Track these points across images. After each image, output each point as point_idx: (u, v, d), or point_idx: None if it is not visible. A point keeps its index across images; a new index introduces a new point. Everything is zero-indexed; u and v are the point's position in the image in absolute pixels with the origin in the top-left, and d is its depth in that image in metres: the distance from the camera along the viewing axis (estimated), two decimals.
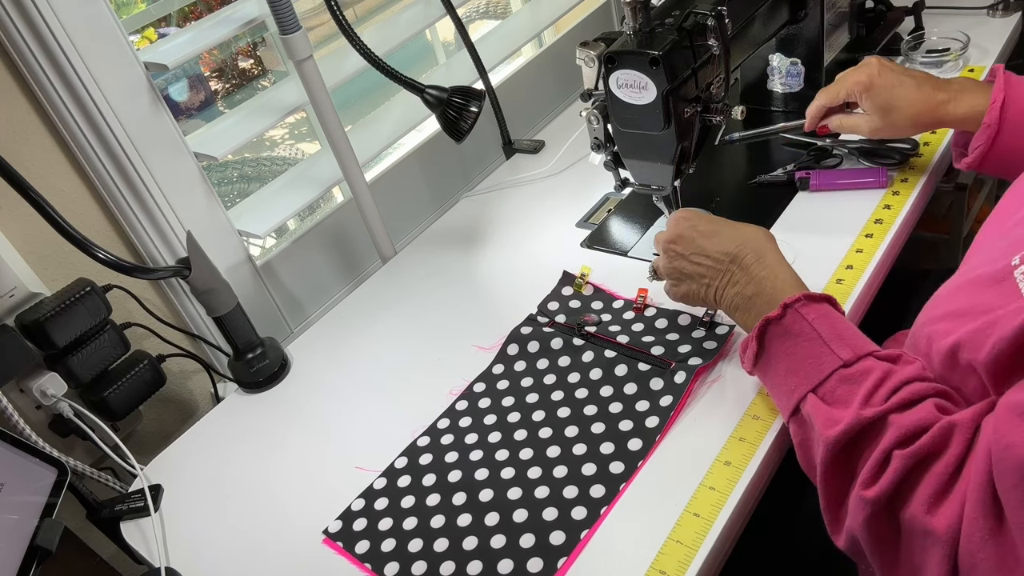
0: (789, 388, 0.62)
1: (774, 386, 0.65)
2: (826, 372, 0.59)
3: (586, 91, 0.87)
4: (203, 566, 0.73)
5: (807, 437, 0.61)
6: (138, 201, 0.88)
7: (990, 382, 0.52)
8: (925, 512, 0.50)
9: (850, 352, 0.59)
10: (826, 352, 0.60)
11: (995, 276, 0.54)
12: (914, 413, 0.54)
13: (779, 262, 0.70)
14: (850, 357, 0.59)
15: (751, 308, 0.69)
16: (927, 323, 0.60)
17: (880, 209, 0.88)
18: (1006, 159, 0.77)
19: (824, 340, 0.60)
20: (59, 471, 0.75)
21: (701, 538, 0.62)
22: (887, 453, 0.53)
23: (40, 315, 0.77)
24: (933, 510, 0.50)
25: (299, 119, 1.90)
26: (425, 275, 1.03)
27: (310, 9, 1.22)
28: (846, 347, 0.60)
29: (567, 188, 1.11)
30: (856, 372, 0.58)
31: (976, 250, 0.64)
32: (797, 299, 0.63)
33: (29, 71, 0.78)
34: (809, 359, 0.61)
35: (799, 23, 1.02)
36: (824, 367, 0.59)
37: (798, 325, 0.62)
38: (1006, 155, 0.77)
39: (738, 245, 0.71)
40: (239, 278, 0.99)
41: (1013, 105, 0.76)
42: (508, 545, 0.66)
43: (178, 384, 0.99)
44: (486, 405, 0.80)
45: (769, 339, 0.64)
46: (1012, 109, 0.76)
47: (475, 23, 1.87)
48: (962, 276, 0.60)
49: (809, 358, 0.61)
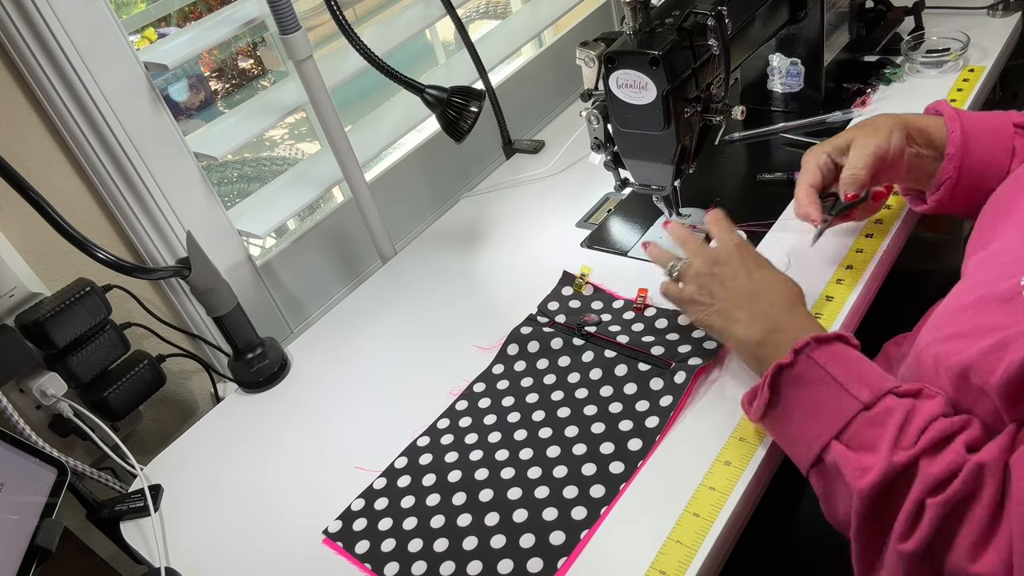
0: (809, 438, 0.59)
1: (790, 437, 0.62)
2: (848, 416, 0.57)
3: (586, 91, 0.87)
4: (203, 566, 0.73)
5: (832, 488, 0.58)
6: (138, 201, 0.88)
7: (1003, 405, 0.51)
8: (970, 560, 0.49)
9: (869, 393, 0.57)
10: (845, 396, 0.58)
11: (1003, 296, 0.54)
12: (944, 457, 0.52)
13: (806, 316, 0.68)
14: (870, 398, 0.57)
15: (758, 351, 0.67)
16: (933, 343, 0.59)
17: (880, 209, 0.88)
18: (971, 191, 0.75)
19: (840, 383, 0.58)
20: (59, 471, 0.75)
21: (701, 538, 0.61)
22: (919, 503, 0.51)
23: (40, 315, 0.77)
24: (977, 557, 0.49)
25: (299, 119, 1.90)
26: (425, 275, 1.03)
27: (310, 9, 1.22)
28: (864, 388, 0.57)
29: (567, 188, 1.11)
30: (879, 413, 0.56)
31: (980, 267, 0.63)
32: (806, 343, 0.61)
33: (29, 71, 0.78)
34: (828, 405, 0.58)
35: (799, 23, 1.02)
36: (845, 411, 0.57)
37: (812, 371, 0.60)
38: (971, 187, 0.75)
39: (771, 293, 0.69)
40: (239, 278, 0.99)
41: (971, 132, 0.75)
42: (508, 545, 0.66)
43: (178, 384, 0.99)
44: (486, 405, 0.80)
45: (782, 387, 0.62)
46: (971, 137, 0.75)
47: (475, 23, 1.87)
48: (968, 294, 0.59)
49: (828, 404, 0.58)
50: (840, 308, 0.78)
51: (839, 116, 1.04)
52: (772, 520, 0.73)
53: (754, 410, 0.64)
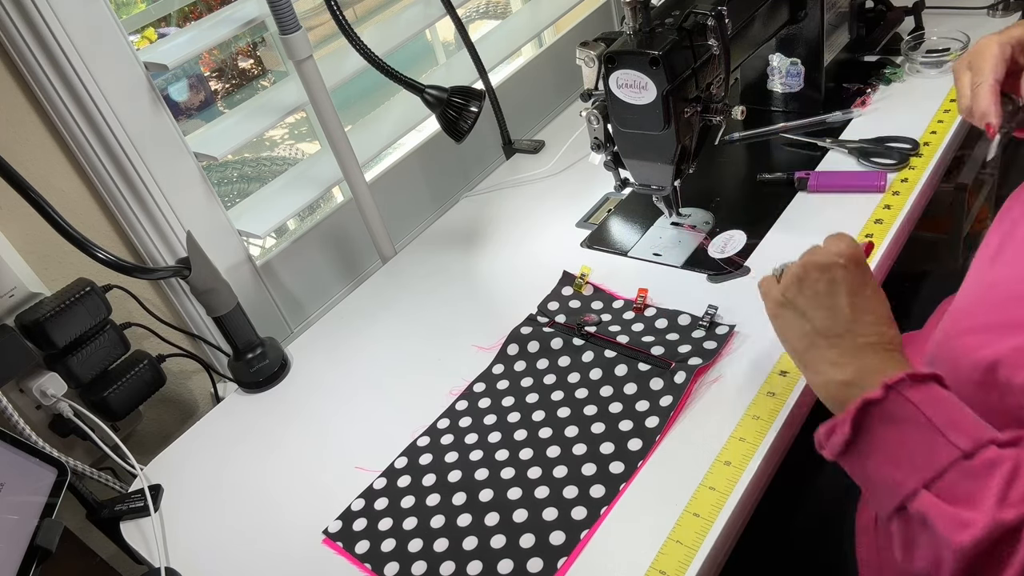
0: (893, 483, 0.53)
1: (871, 479, 0.56)
2: (943, 465, 0.51)
3: (586, 91, 0.87)
4: (203, 566, 0.73)
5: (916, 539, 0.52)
6: (138, 201, 0.88)
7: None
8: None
9: (969, 441, 0.50)
10: (940, 442, 0.51)
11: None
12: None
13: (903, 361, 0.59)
14: (970, 447, 0.50)
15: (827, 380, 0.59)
16: (953, 336, 0.57)
17: (880, 209, 0.88)
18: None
19: (937, 427, 0.52)
20: (59, 471, 0.75)
21: (701, 538, 0.61)
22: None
23: (40, 315, 0.77)
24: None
25: (299, 119, 1.90)
26: (425, 275, 1.03)
27: (310, 9, 1.22)
28: (963, 435, 0.51)
29: (567, 188, 1.11)
30: (980, 465, 0.49)
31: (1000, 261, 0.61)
32: (900, 379, 0.53)
33: (29, 71, 0.78)
34: (919, 450, 0.52)
35: (799, 23, 1.02)
36: (939, 459, 0.51)
37: (905, 410, 0.53)
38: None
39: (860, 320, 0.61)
40: (239, 278, 0.99)
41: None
42: (508, 545, 0.66)
43: (178, 384, 0.99)
44: (486, 405, 0.80)
45: (867, 425, 0.55)
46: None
47: (475, 23, 1.87)
48: (989, 289, 0.57)
49: (919, 449, 0.52)
50: None
51: (839, 116, 1.04)
52: (772, 520, 0.73)
53: (831, 447, 0.57)
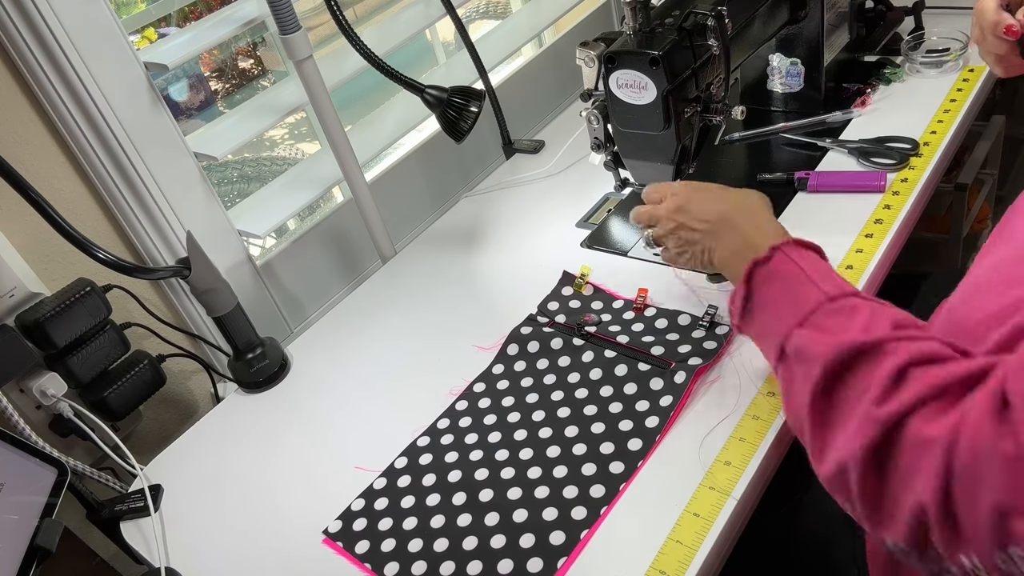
0: (777, 331, 0.58)
1: (762, 334, 0.62)
2: (812, 306, 0.56)
3: (586, 91, 0.87)
4: (203, 566, 0.73)
5: (794, 376, 0.55)
6: (138, 201, 0.88)
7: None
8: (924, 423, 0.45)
9: (836, 289, 0.56)
10: (813, 289, 0.57)
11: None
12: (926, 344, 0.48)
13: (770, 220, 0.70)
14: (836, 293, 0.56)
15: (741, 260, 0.66)
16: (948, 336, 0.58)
17: (880, 209, 0.88)
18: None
19: (812, 280, 0.58)
20: (59, 471, 0.75)
21: (701, 538, 0.61)
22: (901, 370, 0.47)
23: (40, 315, 0.77)
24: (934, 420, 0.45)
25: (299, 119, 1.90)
26: (425, 275, 1.03)
27: (310, 9, 1.22)
28: (833, 285, 0.57)
29: (567, 188, 1.11)
30: (845, 307, 0.55)
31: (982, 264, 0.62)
32: (785, 242, 0.62)
33: (29, 71, 0.78)
34: (795, 298, 0.58)
35: (799, 23, 1.02)
36: (809, 302, 0.56)
37: (786, 266, 0.60)
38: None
39: (730, 206, 0.72)
40: (239, 278, 0.99)
41: None
42: (508, 545, 0.66)
43: (178, 384, 0.99)
44: (486, 405, 0.80)
45: (757, 283, 0.62)
46: None
47: (475, 23, 1.87)
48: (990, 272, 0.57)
49: (795, 297, 0.58)
50: None
51: (839, 116, 1.04)
52: (772, 520, 0.73)
53: (733, 310, 0.64)
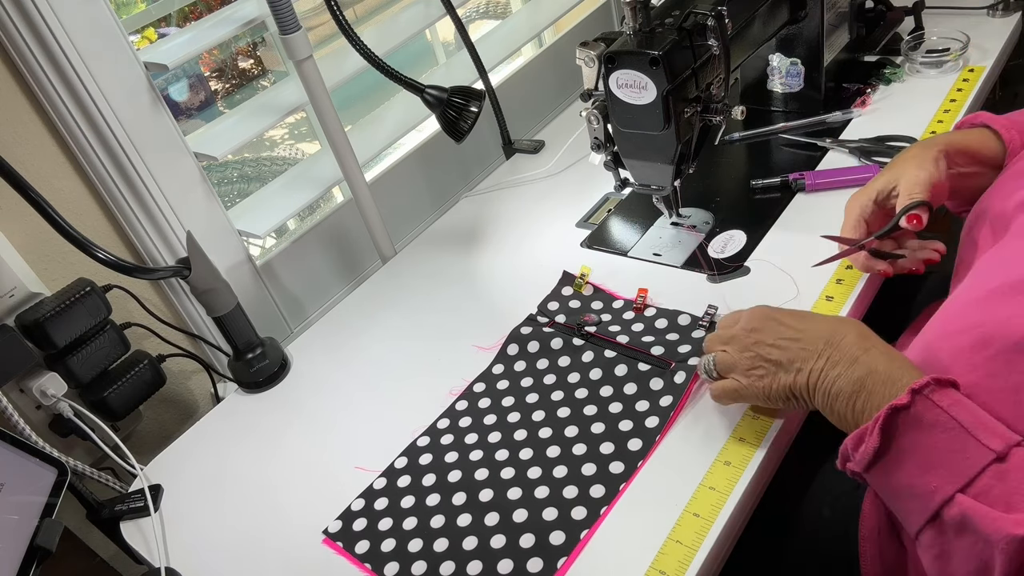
0: (925, 491, 0.51)
1: (901, 489, 0.54)
2: (977, 468, 0.49)
3: (586, 91, 0.87)
4: (203, 566, 0.73)
5: (952, 548, 0.51)
6: (138, 201, 0.88)
7: None
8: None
9: (1000, 442, 0.49)
10: (972, 444, 0.50)
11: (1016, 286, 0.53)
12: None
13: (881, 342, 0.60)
14: (1002, 449, 0.49)
15: (862, 390, 0.57)
16: (944, 337, 0.58)
17: None
18: None
19: (967, 430, 0.51)
20: (59, 471, 0.75)
21: (701, 538, 0.61)
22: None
23: (40, 315, 0.77)
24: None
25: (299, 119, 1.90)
26: (425, 275, 1.03)
27: (310, 9, 1.22)
28: (994, 437, 0.50)
29: (567, 188, 1.11)
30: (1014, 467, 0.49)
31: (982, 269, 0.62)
32: (926, 383, 0.52)
33: (29, 71, 0.78)
34: (950, 454, 0.51)
35: (799, 23, 1.02)
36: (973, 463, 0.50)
37: (932, 414, 0.52)
38: None
39: (832, 328, 0.62)
40: (239, 278, 0.99)
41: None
42: (508, 545, 0.66)
43: (178, 384, 0.99)
44: (486, 405, 0.80)
45: (898, 433, 0.53)
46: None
47: (475, 23, 1.87)
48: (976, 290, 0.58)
49: (950, 453, 0.51)
50: (840, 308, 0.78)
51: (839, 116, 1.04)
52: (772, 520, 0.73)
53: (861, 457, 0.55)
